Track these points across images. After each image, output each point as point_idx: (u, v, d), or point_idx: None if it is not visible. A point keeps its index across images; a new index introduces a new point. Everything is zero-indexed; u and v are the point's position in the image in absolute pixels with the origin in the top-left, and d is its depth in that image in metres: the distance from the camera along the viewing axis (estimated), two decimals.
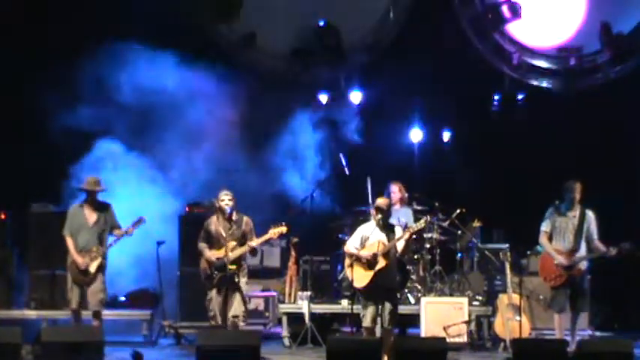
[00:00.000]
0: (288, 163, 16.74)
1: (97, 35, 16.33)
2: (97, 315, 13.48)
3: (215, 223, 13.51)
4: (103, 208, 13.61)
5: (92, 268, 13.38)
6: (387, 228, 12.63)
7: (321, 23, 17.28)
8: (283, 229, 13.40)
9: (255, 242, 13.42)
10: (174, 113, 16.60)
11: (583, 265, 13.39)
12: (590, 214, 13.43)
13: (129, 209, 14.44)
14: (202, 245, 13.56)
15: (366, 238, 12.63)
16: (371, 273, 12.47)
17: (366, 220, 13.64)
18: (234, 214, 13.49)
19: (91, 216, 13.52)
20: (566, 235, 13.39)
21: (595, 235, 13.39)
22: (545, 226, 13.52)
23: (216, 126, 16.71)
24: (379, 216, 12.63)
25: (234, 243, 13.35)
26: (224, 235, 13.38)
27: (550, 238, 13.48)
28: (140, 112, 16.31)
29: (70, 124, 15.88)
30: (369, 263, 12.50)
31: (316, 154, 16.75)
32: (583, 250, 13.36)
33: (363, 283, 12.55)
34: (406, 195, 15.11)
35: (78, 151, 15.95)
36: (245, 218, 13.54)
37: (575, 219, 13.39)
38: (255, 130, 17.01)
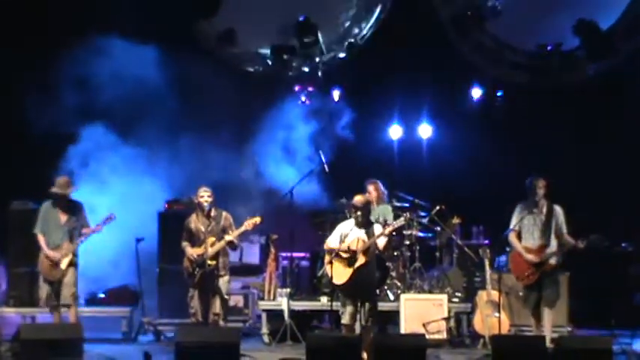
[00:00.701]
0: (272, 157, 16.71)
1: (79, 30, 16.27)
2: (70, 308, 13.45)
3: (195, 221, 13.57)
4: (74, 206, 13.68)
5: (63, 265, 13.42)
6: (366, 225, 12.64)
7: (300, 20, 17.24)
8: (257, 219, 13.45)
9: (231, 235, 13.44)
10: (158, 107, 16.55)
11: (553, 260, 13.38)
12: (558, 209, 13.38)
13: (113, 203, 14.49)
14: (184, 244, 13.61)
15: (345, 236, 12.62)
16: (350, 270, 12.47)
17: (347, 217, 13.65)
18: (213, 210, 13.53)
19: (63, 215, 13.60)
20: (534, 231, 13.36)
21: (564, 229, 13.32)
22: (513, 225, 13.50)
23: (200, 120, 16.68)
24: (358, 213, 12.63)
25: (213, 239, 13.41)
26: (203, 231, 13.43)
27: (520, 237, 13.50)
28: (124, 107, 16.26)
29: (53, 119, 15.83)
30: (349, 260, 12.51)
31: (294, 150, 16.74)
32: (554, 246, 13.31)
33: (342, 280, 12.54)
34: (384, 192, 15.07)
35: (63, 145, 15.92)
36: (224, 214, 13.59)
37: (542, 215, 13.35)
38: (238, 124, 16.99)
